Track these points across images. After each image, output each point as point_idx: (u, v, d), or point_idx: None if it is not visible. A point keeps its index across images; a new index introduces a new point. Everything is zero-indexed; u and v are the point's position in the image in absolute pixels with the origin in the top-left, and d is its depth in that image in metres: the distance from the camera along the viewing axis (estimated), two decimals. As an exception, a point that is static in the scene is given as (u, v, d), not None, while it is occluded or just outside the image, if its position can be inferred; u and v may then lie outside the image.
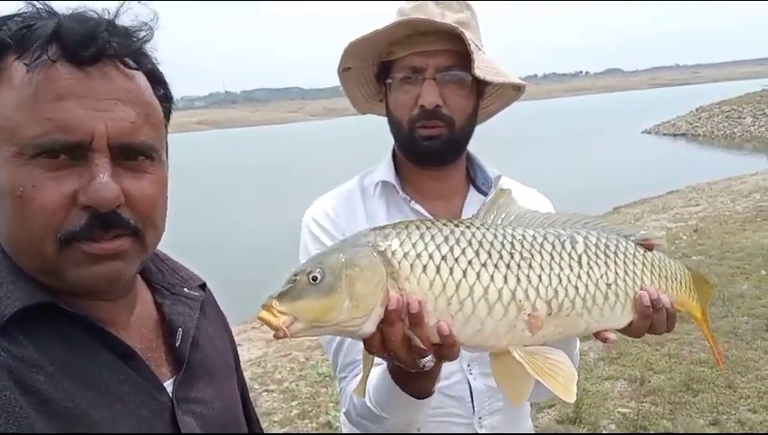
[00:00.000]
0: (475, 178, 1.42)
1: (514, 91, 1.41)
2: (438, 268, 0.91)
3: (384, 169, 1.39)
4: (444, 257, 0.92)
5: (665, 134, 27.60)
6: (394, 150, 1.41)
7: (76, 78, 0.75)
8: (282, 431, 3.98)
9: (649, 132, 28.71)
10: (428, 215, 1.33)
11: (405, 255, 0.91)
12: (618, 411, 3.90)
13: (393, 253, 0.91)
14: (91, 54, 0.75)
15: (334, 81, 1.44)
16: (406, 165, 1.38)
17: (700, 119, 27.86)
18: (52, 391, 0.73)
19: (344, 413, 1.33)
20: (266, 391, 4.55)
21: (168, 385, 0.86)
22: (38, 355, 0.74)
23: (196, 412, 0.87)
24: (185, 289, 0.98)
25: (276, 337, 0.87)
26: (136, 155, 0.79)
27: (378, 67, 1.37)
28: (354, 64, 1.37)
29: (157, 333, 0.91)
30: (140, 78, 0.82)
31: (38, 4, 0.78)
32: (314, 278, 0.88)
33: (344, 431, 1.47)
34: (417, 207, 1.35)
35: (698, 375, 4.21)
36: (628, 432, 3.52)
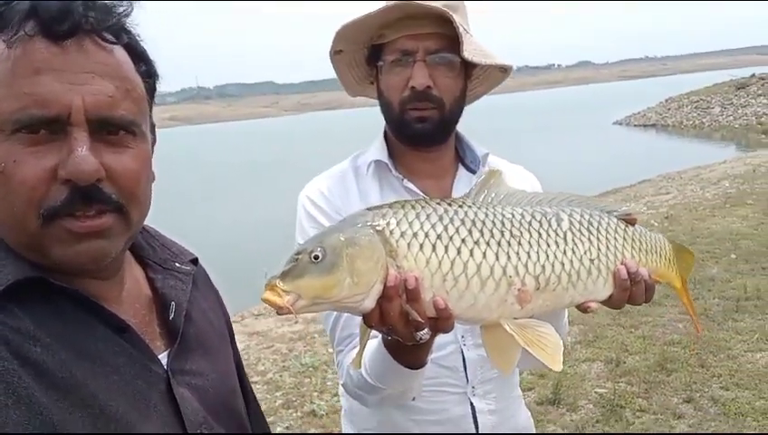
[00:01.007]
0: (463, 156, 1.46)
1: (501, 73, 1.44)
2: (434, 246, 0.95)
3: (377, 150, 1.42)
4: (439, 236, 0.96)
5: (636, 125, 28.03)
6: (385, 131, 1.44)
7: (52, 52, 0.75)
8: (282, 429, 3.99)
9: (621, 123, 29.12)
10: (421, 193, 1.37)
11: (402, 234, 0.95)
12: (595, 392, 3.99)
13: (391, 232, 0.95)
14: (67, 29, 0.75)
15: (308, 76, 1.40)
16: (397, 145, 1.41)
17: (669, 109, 28.36)
18: (50, 361, 0.73)
19: (342, 385, 1.36)
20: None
21: (163, 358, 0.87)
22: (34, 327, 0.74)
23: (192, 384, 0.88)
24: (176, 264, 0.98)
25: (280, 314, 0.90)
26: (117, 129, 0.78)
27: (369, 50, 1.40)
28: (346, 47, 1.39)
29: (150, 307, 0.92)
30: (119, 52, 0.81)
31: None
32: (316, 257, 0.91)
33: (343, 403, 1.50)
34: (410, 185, 1.38)
35: (672, 355, 4.33)
36: (612, 433, 3.57)
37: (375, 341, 1.15)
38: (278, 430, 3.95)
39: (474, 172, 1.43)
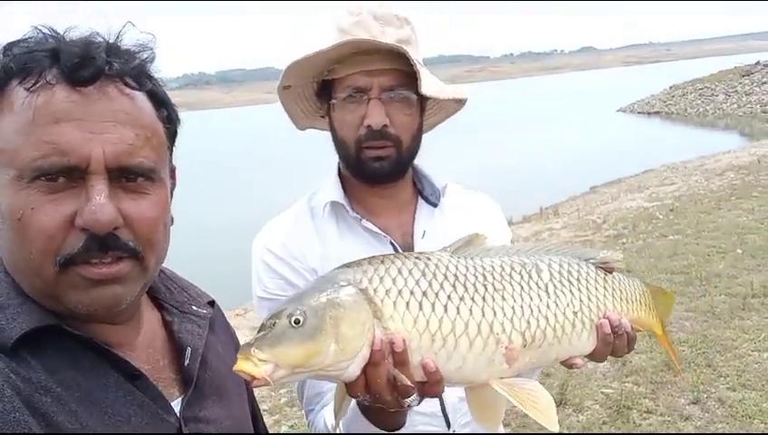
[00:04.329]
0: (422, 189, 1.42)
1: (456, 104, 1.41)
2: (421, 304, 0.90)
3: (331, 189, 1.37)
4: (425, 293, 0.91)
5: (639, 112, 27.94)
6: (339, 168, 1.39)
7: (73, 100, 0.75)
8: (287, 428, 3.99)
9: (624, 111, 29.02)
10: (380, 231, 1.33)
11: (387, 292, 0.89)
12: (601, 392, 3.98)
13: (375, 290, 0.89)
14: (89, 75, 0.75)
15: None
16: (353, 182, 1.37)
17: (674, 97, 28.25)
18: (59, 413, 0.74)
19: None
20: (253, 380, 4.56)
21: (177, 405, 0.86)
22: (45, 377, 0.75)
23: (204, 432, 0.88)
24: (193, 307, 0.98)
25: (255, 386, 0.83)
26: (135, 176, 0.79)
27: (318, 84, 1.36)
28: (294, 82, 1.35)
29: (164, 352, 0.91)
30: (141, 99, 0.82)
31: (44, 29, 0.78)
32: (296, 321, 0.84)
33: None
34: (369, 224, 1.33)
35: (678, 355, 4.31)
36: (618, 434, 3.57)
37: (351, 404, 1.08)
38: (283, 429, 3.95)
39: (434, 205, 1.39)
